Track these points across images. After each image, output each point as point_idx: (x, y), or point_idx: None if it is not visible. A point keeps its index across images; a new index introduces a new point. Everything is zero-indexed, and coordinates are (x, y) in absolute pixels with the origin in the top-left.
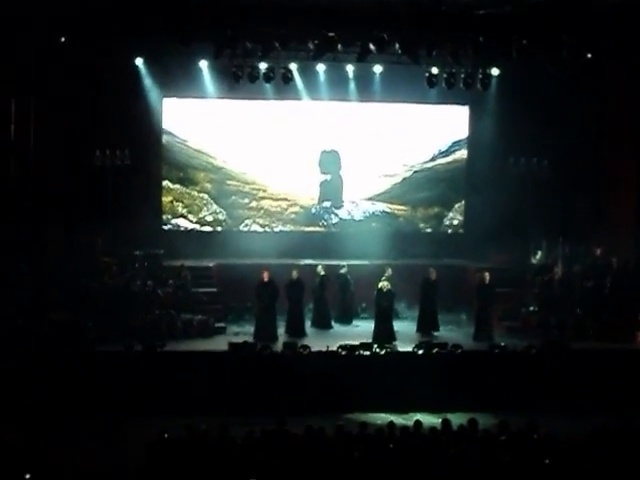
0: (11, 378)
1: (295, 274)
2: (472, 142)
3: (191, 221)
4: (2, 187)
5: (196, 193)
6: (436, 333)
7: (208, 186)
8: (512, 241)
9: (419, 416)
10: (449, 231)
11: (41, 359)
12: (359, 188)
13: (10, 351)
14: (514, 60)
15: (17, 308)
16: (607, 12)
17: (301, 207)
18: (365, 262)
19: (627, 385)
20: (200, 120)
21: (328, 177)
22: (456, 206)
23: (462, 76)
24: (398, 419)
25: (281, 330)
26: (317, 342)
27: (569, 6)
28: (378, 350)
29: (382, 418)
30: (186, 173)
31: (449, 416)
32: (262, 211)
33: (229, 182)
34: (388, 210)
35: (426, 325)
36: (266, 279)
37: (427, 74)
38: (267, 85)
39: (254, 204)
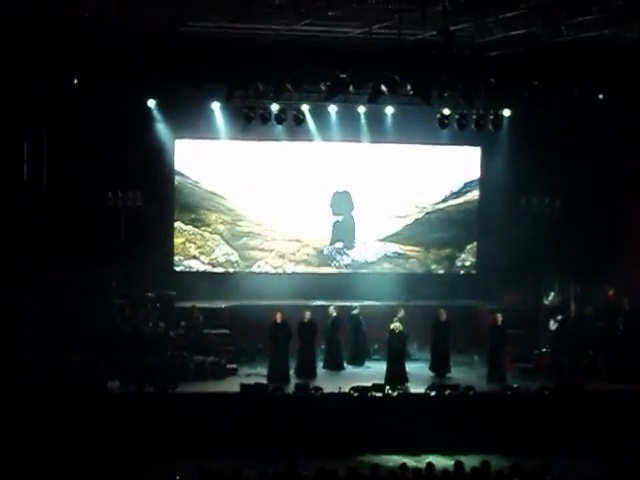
0: (22, 418)
1: (307, 315)
2: (484, 183)
3: (203, 262)
4: (14, 228)
5: (208, 234)
6: (448, 374)
7: (220, 227)
8: (524, 282)
9: (431, 458)
10: (461, 272)
11: (53, 399)
12: (371, 229)
13: (21, 389)
14: (526, 101)
15: (27, 347)
16: (619, 53)
17: (313, 248)
18: (377, 303)
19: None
20: (212, 161)
21: (340, 218)
22: (468, 247)
23: (474, 117)
24: (410, 461)
25: (293, 371)
26: (329, 384)
27: (580, 47)
28: (390, 392)
29: (394, 460)
30: (198, 214)
31: (462, 458)
32: (274, 252)
33: (241, 223)
34: (400, 251)
35: (438, 366)
36: (279, 320)
37: (439, 115)
38: (279, 126)
39: (266, 245)
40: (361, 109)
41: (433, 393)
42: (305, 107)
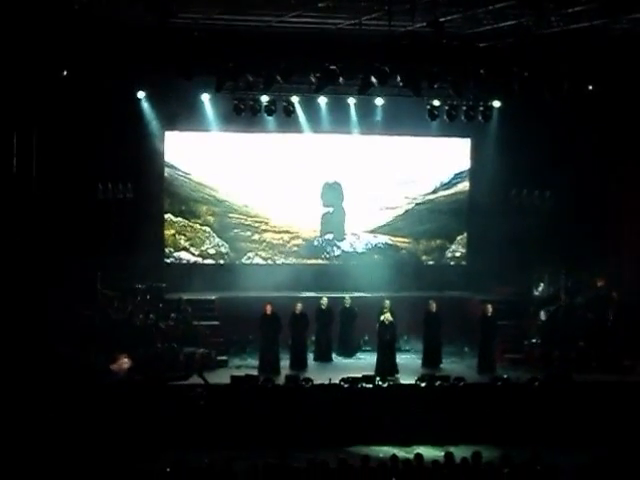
0: (14, 411)
1: (299, 307)
2: (474, 174)
3: (193, 254)
4: (4, 220)
5: (198, 226)
6: (440, 366)
7: (210, 219)
8: (515, 273)
9: (421, 449)
10: (451, 263)
11: (45, 391)
12: (361, 220)
13: (13, 382)
14: (515, 92)
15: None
16: (608, 44)
17: (303, 240)
18: (367, 294)
19: (629, 416)
20: (202, 153)
21: (330, 209)
22: (458, 238)
23: (464, 108)
24: (400, 452)
25: (284, 362)
26: (320, 375)
27: (570, 38)
28: (380, 383)
29: (384, 451)
30: (188, 206)
31: (452, 449)
32: (264, 244)
33: (231, 215)
34: (390, 242)
35: (430, 359)
36: (269, 312)
37: (429, 106)
38: (269, 118)
39: (256, 237)
40: (351, 100)
41: (423, 384)
42: (295, 99)
